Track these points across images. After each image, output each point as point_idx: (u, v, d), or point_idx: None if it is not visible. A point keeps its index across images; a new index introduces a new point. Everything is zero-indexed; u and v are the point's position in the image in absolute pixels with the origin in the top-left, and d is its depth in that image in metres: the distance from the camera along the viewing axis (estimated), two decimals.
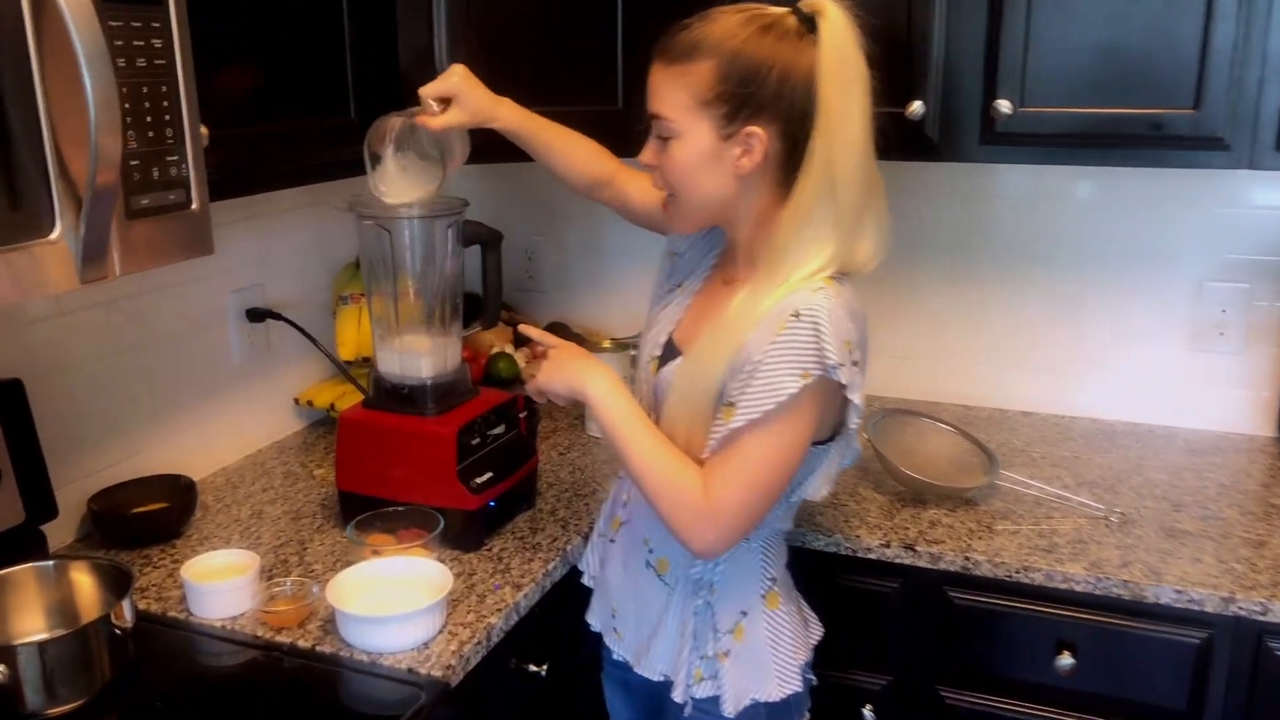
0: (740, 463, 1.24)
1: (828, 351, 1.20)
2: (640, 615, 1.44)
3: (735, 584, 1.38)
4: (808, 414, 1.23)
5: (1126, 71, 1.66)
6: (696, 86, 1.23)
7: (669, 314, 1.45)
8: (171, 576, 1.52)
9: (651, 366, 1.42)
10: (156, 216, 1.15)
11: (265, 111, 1.47)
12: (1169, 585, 1.49)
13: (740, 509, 1.25)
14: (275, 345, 2.01)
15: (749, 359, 1.23)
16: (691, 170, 1.28)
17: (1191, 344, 2.06)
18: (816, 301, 1.21)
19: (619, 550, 1.48)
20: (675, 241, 1.51)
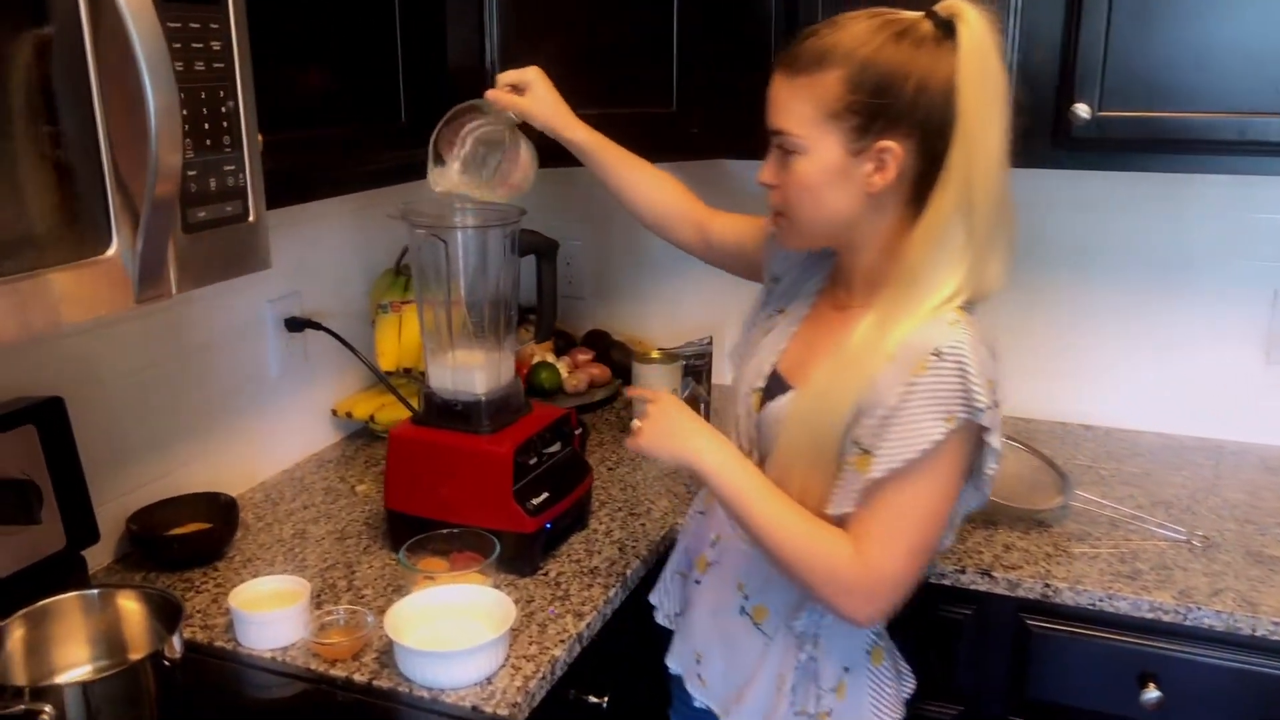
0: (892, 522, 1.14)
1: (976, 395, 1.10)
2: (731, 664, 1.35)
3: (841, 638, 1.29)
4: (956, 461, 1.15)
5: (1209, 75, 1.58)
6: (824, 98, 1.15)
7: (772, 342, 1.35)
8: (216, 602, 1.45)
9: (754, 400, 1.32)
10: (214, 230, 1.08)
11: (317, 116, 1.40)
12: (1266, 616, 1.41)
13: (900, 573, 1.15)
14: (312, 355, 1.94)
15: (881, 401, 1.14)
16: (817, 188, 1.19)
17: (1267, 355, 1.98)
18: (958, 338, 1.12)
19: (707, 593, 1.39)
20: (774, 265, 1.43)
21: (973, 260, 1.16)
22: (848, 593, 1.16)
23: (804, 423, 1.21)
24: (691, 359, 2.04)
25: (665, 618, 1.50)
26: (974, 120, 1.12)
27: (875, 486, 1.14)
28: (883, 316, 1.17)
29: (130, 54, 0.92)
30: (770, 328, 1.38)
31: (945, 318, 1.15)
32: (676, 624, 1.48)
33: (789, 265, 1.40)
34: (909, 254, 1.16)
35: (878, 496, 1.14)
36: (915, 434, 1.12)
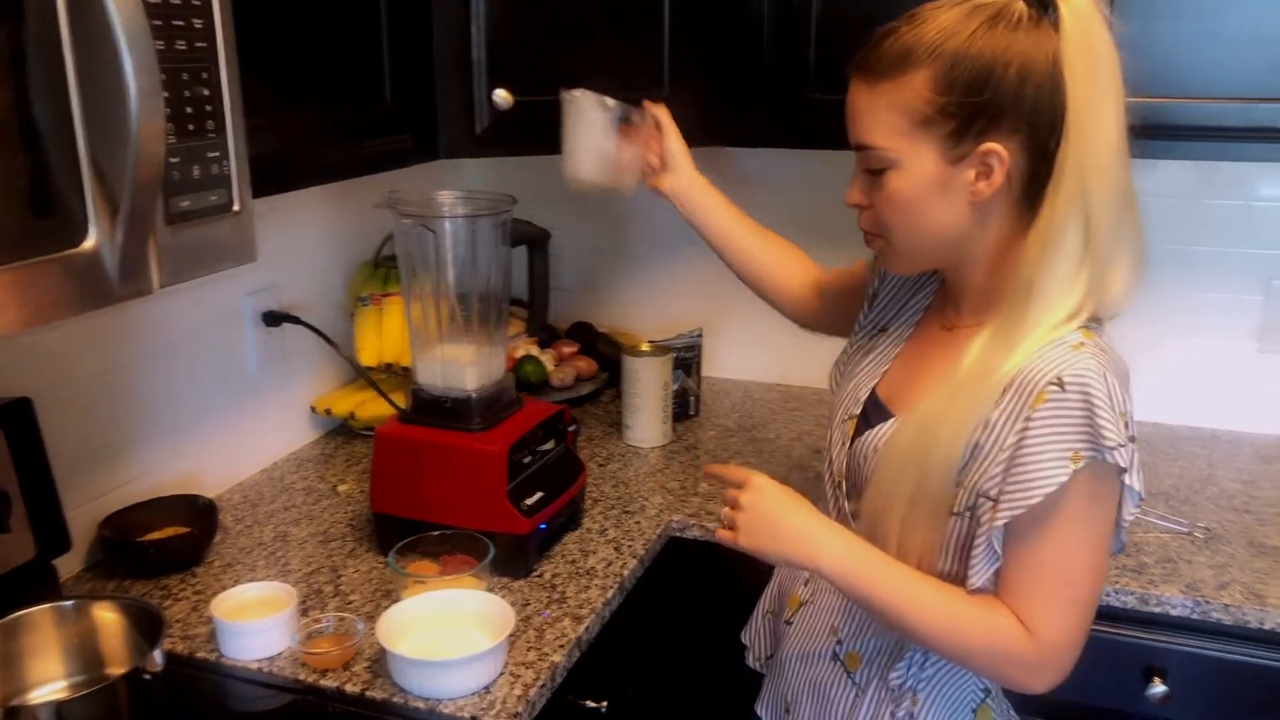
0: (1050, 583, 1.03)
1: (1105, 431, 0.98)
2: (820, 714, 1.24)
3: (943, 694, 1.16)
4: (1099, 502, 1.02)
5: (1213, 60, 1.56)
6: (912, 103, 1.03)
7: (872, 365, 1.23)
8: (196, 610, 1.38)
9: (849, 427, 1.21)
10: (197, 220, 1.02)
11: (299, 100, 1.33)
12: (1274, 609, 1.39)
13: (1073, 634, 1.04)
14: (290, 350, 1.87)
15: (999, 441, 1.03)
16: (914, 205, 1.07)
17: (1260, 344, 1.97)
18: (1084, 366, 0.99)
19: (797, 635, 1.27)
20: (875, 281, 1.31)
21: (1095, 268, 1.03)
22: (1025, 670, 1.06)
23: (906, 456, 1.08)
24: (682, 351, 2.00)
25: (756, 661, 1.40)
26: (1085, 107, 0.99)
27: (1019, 546, 1.03)
28: (996, 337, 1.05)
29: (108, 32, 0.85)
30: (870, 348, 1.26)
31: (1068, 340, 1.02)
32: (768, 667, 1.38)
33: (890, 279, 1.29)
34: (1023, 264, 1.03)
35: (1025, 558, 1.03)
36: (1038, 476, 1.00)
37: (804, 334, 2.22)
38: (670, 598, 1.65)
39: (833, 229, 2.15)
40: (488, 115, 1.64)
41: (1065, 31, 1.00)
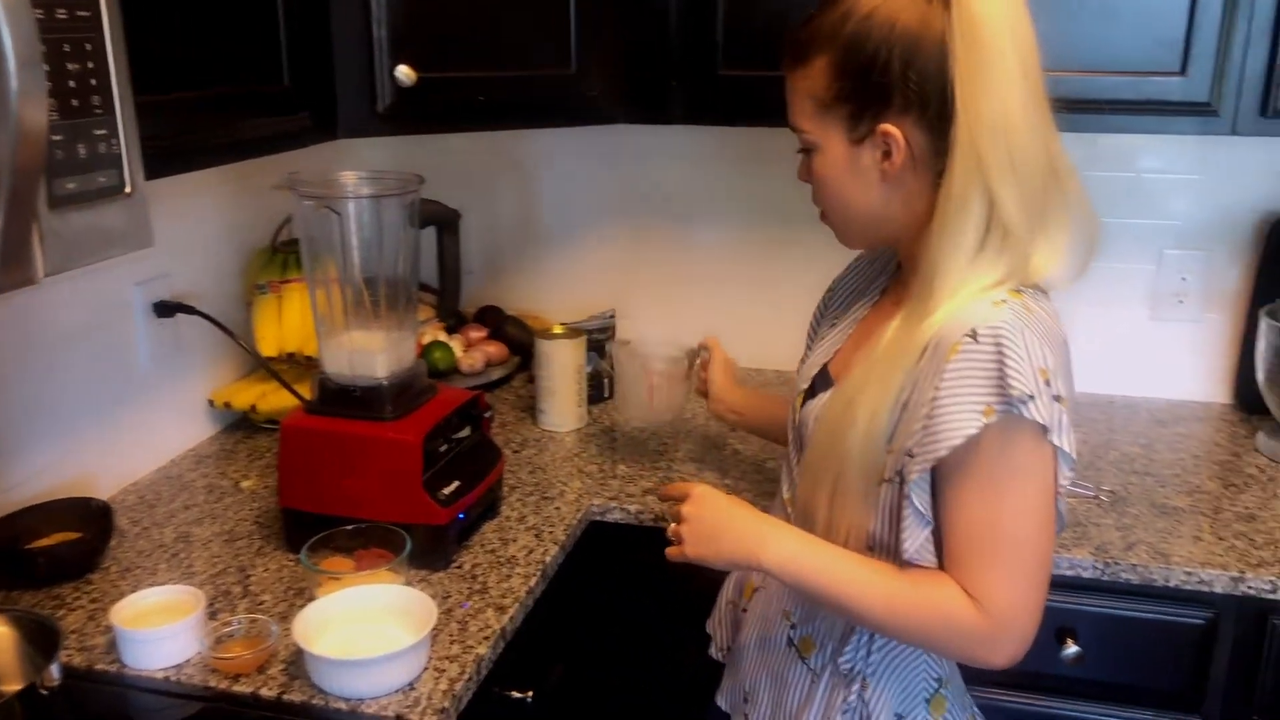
0: (992, 549, 1.01)
1: (1013, 380, 0.96)
2: (778, 704, 1.22)
3: (892, 680, 1.15)
4: (1027, 459, 1.00)
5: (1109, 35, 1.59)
6: (815, 89, 1.07)
7: (828, 344, 1.27)
8: (93, 620, 1.30)
9: (799, 400, 1.25)
10: (85, 204, 0.95)
11: (191, 76, 1.25)
12: (1179, 567, 1.44)
13: (1025, 600, 1.02)
14: (185, 342, 1.78)
15: (922, 395, 1.02)
16: (835, 185, 1.12)
17: (1151, 312, 2.04)
18: (1001, 319, 0.99)
19: (754, 621, 1.27)
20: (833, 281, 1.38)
21: (1012, 243, 1.03)
22: (978, 643, 1.03)
23: (833, 427, 1.10)
24: (595, 333, 1.97)
25: (718, 650, 1.39)
26: (973, 80, 0.99)
27: (953, 512, 1.02)
28: (912, 310, 1.07)
29: None
30: (831, 329, 1.30)
31: (990, 298, 1.02)
32: (728, 658, 1.37)
33: (847, 275, 1.35)
34: (929, 239, 1.05)
35: (960, 523, 1.02)
36: (947, 427, 0.99)
37: (715, 313, 2.23)
38: (590, 581, 1.63)
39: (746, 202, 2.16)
40: (390, 93, 1.58)
41: (952, 7, 1.00)
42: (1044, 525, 1.03)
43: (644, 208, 2.21)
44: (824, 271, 1.45)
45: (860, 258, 1.36)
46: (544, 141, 2.22)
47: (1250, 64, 1.58)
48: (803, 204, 1.25)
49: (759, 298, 2.20)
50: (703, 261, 2.22)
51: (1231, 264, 1.99)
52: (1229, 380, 2.04)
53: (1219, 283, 2.00)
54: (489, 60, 1.66)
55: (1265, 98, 1.58)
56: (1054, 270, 1.07)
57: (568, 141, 2.20)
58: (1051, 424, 0.99)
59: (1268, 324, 1.80)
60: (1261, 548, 1.49)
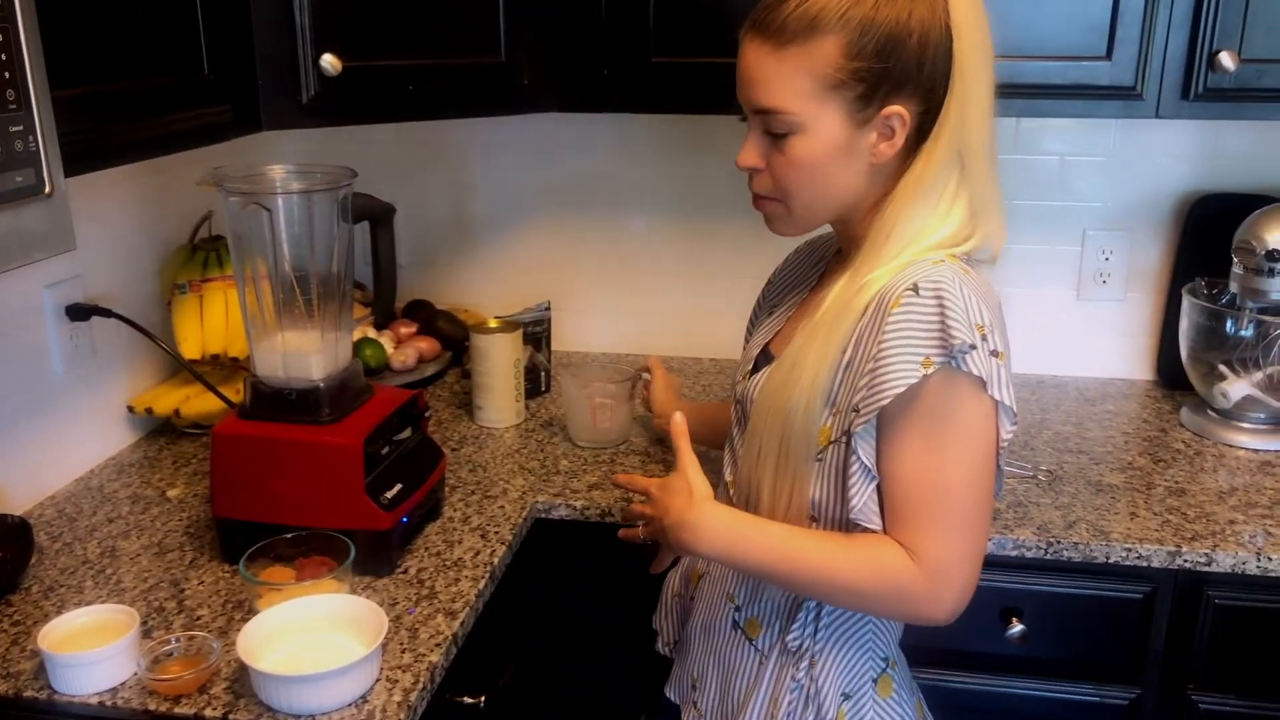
0: (930, 504, 1.02)
1: (954, 331, 0.98)
2: (727, 687, 1.23)
3: (839, 659, 1.15)
4: (965, 412, 1.02)
5: (1038, 21, 1.61)
6: (822, 68, 1.03)
7: (767, 328, 1.27)
8: (16, 644, 1.23)
9: (744, 383, 1.24)
10: (5, 205, 0.89)
11: (105, 68, 1.18)
12: (1118, 544, 1.47)
13: (964, 555, 1.03)
14: (100, 346, 1.70)
15: (865, 351, 1.04)
16: (819, 168, 1.08)
17: (1078, 292, 2.08)
18: (941, 274, 1.01)
19: (700, 608, 1.27)
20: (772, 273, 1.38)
21: (970, 209, 1.08)
22: (920, 601, 1.04)
23: (775, 395, 1.10)
24: (530, 325, 1.93)
25: (665, 646, 1.39)
26: (970, 66, 1.05)
27: (892, 466, 1.04)
28: (854, 271, 1.09)
29: None
30: (771, 313, 1.30)
31: (930, 258, 1.05)
32: (676, 650, 1.37)
33: (784, 266, 1.35)
34: (889, 208, 1.08)
35: (898, 477, 1.04)
36: (889, 376, 1.01)
37: (651, 304, 2.21)
38: (535, 579, 1.60)
39: (680, 191, 2.14)
40: (315, 83, 1.52)
41: None
42: (983, 479, 1.04)
43: (576, 198, 2.18)
44: (758, 260, 1.45)
45: (799, 250, 1.37)
46: (473, 131, 2.17)
47: (1172, 49, 1.61)
48: (737, 192, 1.24)
49: (693, 286, 2.19)
50: (637, 251, 2.19)
51: (1153, 244, 2.04)
52: (1151, 357, 2.10)
53: (1141, 262, 2.05)
54: (417, 48, 1.61)
55: (1186, 82, 1.62)
56: (997, 244, 1.12)
57: (497, 131, 2.16)
58: (990, 377, 1.01)
59: (1190, 302, 1.85)
60: (1194, 521, 1.53)
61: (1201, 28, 1.58)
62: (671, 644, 1.39)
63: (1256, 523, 1.52)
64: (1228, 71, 1.56)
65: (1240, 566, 1.44)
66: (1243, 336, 1.79)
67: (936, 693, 1.59)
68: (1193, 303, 1.84)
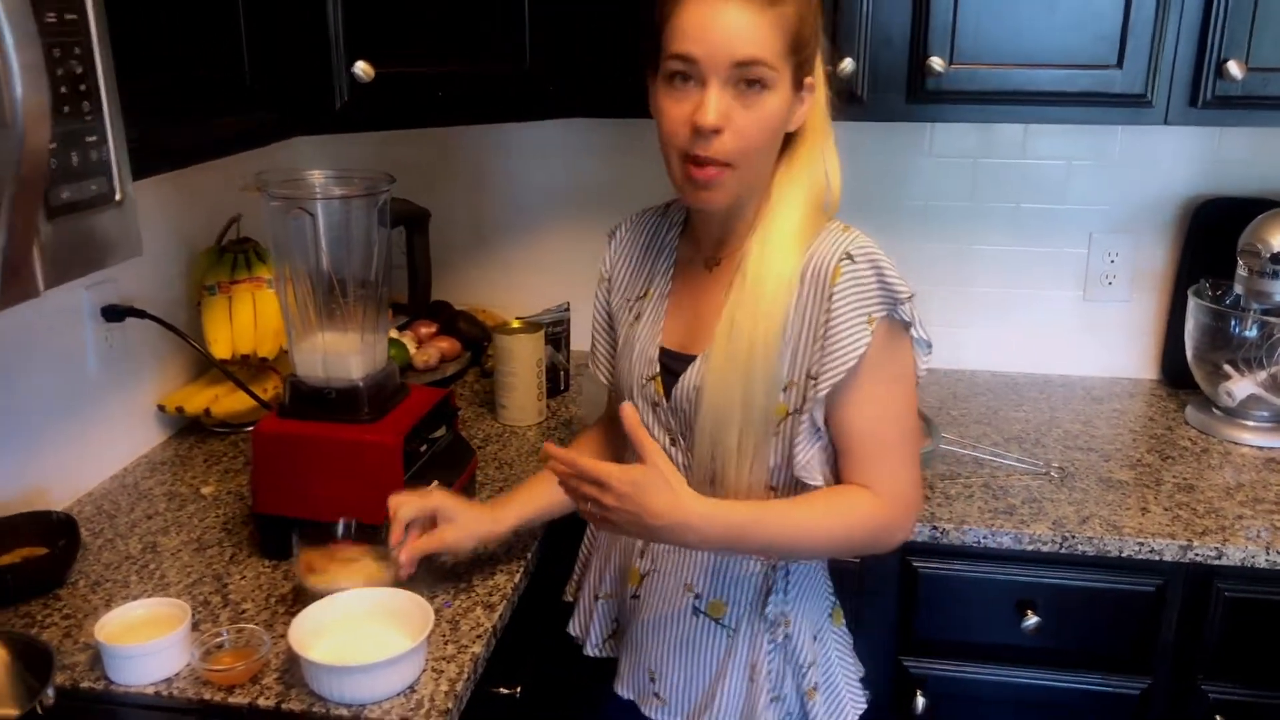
0: (885, 447, 1.16)
1: (896, 287, 1.13)
2: (692, 670, 1.29)
3: (808, 610, 1.27)
4: (898, 357, 1.16)
5: (1051, 30, 1.66)
6: (790, 31, 1.10)
7: (648, 328, 1.29)
8: (69, 637, 1.27)
9: (655, 386, 1.26)
10: (79, 213, 0.92)
11: (156, 76, 1.22)
12: (1130, 538, 1.52)
13: (914, 482, 1.19)
14: (133, 347, 1.73)
15: (810, 320, 1.14)
16: (776, 129, 1.14)
17: (1084, 293, 2.13)
18: (862, 240, 1.15)
19: (649, 605, 1.31)
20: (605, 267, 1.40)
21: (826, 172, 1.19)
22: (887, 533, 1.18)
23: (728, 374, 1.16)
24: (551, 326, 1.97)
25: (595, 648, 1.42)
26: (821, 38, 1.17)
27: (854, 420, 1.15)
28: (765, 235, 1.16)
29: None
30: (636, 315, 1.32)
31: (831, 228, 1.17)
32: (610, 649, 1.41)
33: (619, 258, 1.38)
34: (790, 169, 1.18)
35: (861, 428, 1.15)
36: (847, 342, 1.12)
37: None
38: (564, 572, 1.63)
39: None
40: (347, 89, 1.56)
41: None
42: (916, 410, 1.21)
43: (592, 201, 2.21)
44: None
45: (621, 242, 1.39)
46: (490, 134, 2.20)
47: (1181, 58, 1.66)
48: None
49: None
50: None
51: (1157, 246, 2.09)
52: (1156, 357, 2.15)
53: (1146, 264, 2.10)
54: (446, 56, 1.65)
55: (1195, 90, 1.67)
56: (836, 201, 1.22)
57: (514, 134, 2.19)
58: (914, 319, 1.16)
59: (1195, 303, 1.90)
60: (1204, 516, 1.57)
61: (1210, 37, 1.63)
62: (602, 642, 1.42)
63: (1264, 518, 1.57)
64: (1235, 80, 1.61)
65: (1250, 560, 1.49)
66: (1247, 337, 1.84)
67: (953, 683, 1.65)
68: (1198, 304, 1.89)
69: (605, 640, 1.41)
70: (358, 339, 1.42)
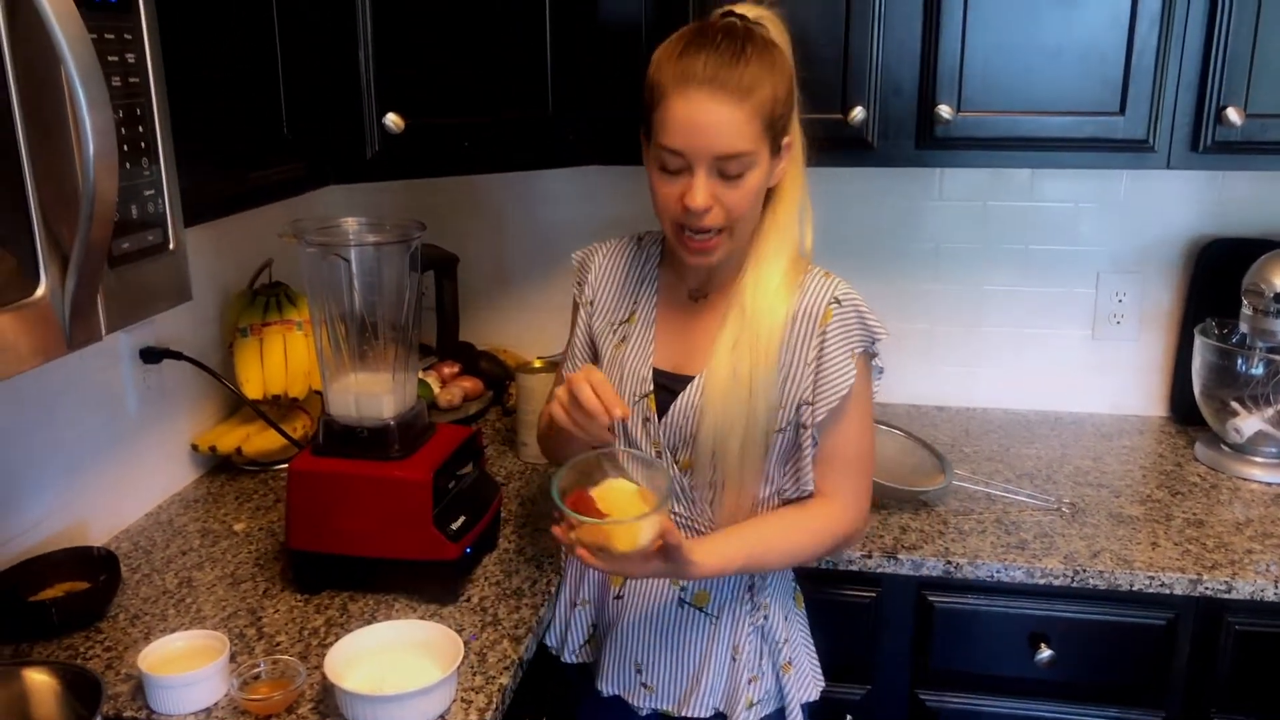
0: (852, 465, 1.34)
1: (875, 327, 1.32)
2: (679, 658, 1.40)
3: (780, 594, 1.42)
4: (869, 384, 1.36)
5: (1056, 78, 1.71)
6: (768, 113, 1.22)
7: (636, 349, 1.40)
8: (111, 668, 1.31)
9: (648, 403, 1.36)
10: (136, 262, 0.98)
11: (202, 130, 1.28)
12: (1141, 571, 1.55)
13: (864, 490, 1.37)
14: (169, 387, 1.79)
15: (801, 355, 1.30)
16: (759, 194, 1.28)
17: (1091, 332, 2.17)
18: (844, 286, 1.33)
19: (634, 604, 1.41)
20: (586, 291, 1.47)
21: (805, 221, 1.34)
22: (849, 541, 1.38)
23: (731, 394, 1.28)
24: None
25: (572, 654, 1.48)
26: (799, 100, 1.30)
27: (832, 443, 1.32)
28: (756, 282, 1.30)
29: (60, 67, 0.82)
30: (623, 337, 1.42)
31: (814, 274, 1.34)
32: (586, 654, 1.47)
33: (599, 283, 1.47)
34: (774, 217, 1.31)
35: (837, 450, 1.33)
36: (838, 376, 1.30)
37: None
38: None
39: None
40: (378, 140, 1.62)
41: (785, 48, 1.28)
42: (872, 429, 1.39)
43: None
44: None
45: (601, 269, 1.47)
46: (510, 181, 2.27)
47: (1181, 105, 1.71)
48: None
49: None
50: None
51: (1164, 286, 2.13)
52: (1164, 394, 2.18)
53: (1153, 303, 2.14)
54: (471, 108, 1.71)
55: (1195, 135, 1.72)
56: None
57: (533, 181, 2.26)
58: (877, 351, 1.35)
59: (1202, 341, 1.94)
60: (1213, 550, 1.61)
61: (1209, 85, 1.68)
62: (579, 648, 1.48)
63: (1273, 552, 1.60)
64: (1234, 126, 1.67)
65: (1259, 594, 1.52)
66: (1254, 374, 1.88)
67: (969, 716, 1.67)
68: (1205, 342, 1.93)
69: (581, 646, 1.48)
70: (389, 379, 1.47)
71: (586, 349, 1.48)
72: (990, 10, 1.69)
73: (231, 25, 1.34)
